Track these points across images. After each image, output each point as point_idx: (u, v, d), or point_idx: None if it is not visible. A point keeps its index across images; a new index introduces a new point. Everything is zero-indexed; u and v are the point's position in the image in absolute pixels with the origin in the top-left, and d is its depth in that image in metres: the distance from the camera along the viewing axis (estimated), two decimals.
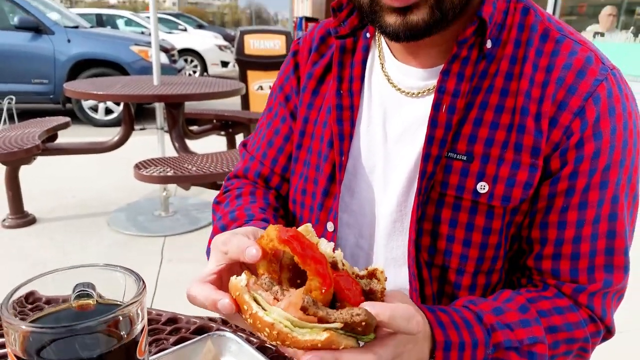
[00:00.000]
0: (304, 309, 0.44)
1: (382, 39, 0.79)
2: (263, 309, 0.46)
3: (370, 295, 0.50)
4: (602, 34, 6.10)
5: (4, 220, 3.27)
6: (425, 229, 0.72)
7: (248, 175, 0.91)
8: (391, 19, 0.65)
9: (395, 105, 0.76)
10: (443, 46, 0.72)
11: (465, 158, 0.69)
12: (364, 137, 0.79)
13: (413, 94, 0.75)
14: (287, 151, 0.88)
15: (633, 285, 0.80)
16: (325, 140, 0.80)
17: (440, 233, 0.72)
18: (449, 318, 0.61)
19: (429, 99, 0.72)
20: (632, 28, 5.85)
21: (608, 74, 0.67)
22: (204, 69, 11.84)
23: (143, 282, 0.46)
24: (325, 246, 0.51)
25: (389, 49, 0.78)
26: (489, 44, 0.69)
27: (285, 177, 0.89)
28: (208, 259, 0.83)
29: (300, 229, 0.51)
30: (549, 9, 6.98)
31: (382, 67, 0.79)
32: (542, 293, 0.69)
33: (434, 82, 0.72)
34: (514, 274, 0.75)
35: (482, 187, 0.69)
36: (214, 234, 0.86)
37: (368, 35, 0.81)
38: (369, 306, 0.45)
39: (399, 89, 0.76)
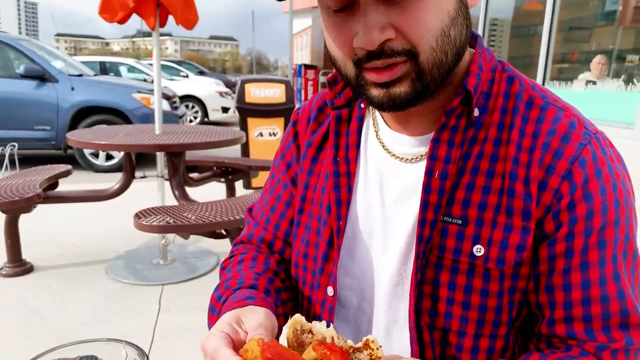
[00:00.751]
0: None
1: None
2: None
3: None
4: (594, 82, 6.23)
5: (1, 268, 3.25)
6: (426, 292, 0.73)
7: (252, 241, 0.94)
8: (375, 92, 0.68)
9: (391, 171, 0.79)
10: (432, 115, 0.75)
11: (460, 222, 0.71)
12: (361, 202, 0.81)
13: (407, 159, 0.78)
14: (289, 216, 0.90)
15: None
16: (324, 205, 0.83)
17: (440, 296, 0.73)
18: None
19: (422, 165, 0.75)
20: (623, 76, 5.98)
21: (591, 138, 0.70)
22: (205, 114, 12.01)
23: (147, 356, 0.46)
24: (319, 327, 0.54)
25: (382, 117, 0.82)
26: (476, 112, 0.73)
27: (288, 241, 0.91)
28: (209, 323, 0.85)
29: (289, 322, 0.56)
30: (542, 58, 7.17)
31: (377, 135, 0.82)
32: (568, 353, 0.69)
33: (425, 149, 0.75)
34: (531, 342, 0.75)
35: (478, 250, 0.70)
36: (210, 304, 0.87)
37: (362, 105, 0.85)
38: None
39: (393, 155, 0.79)
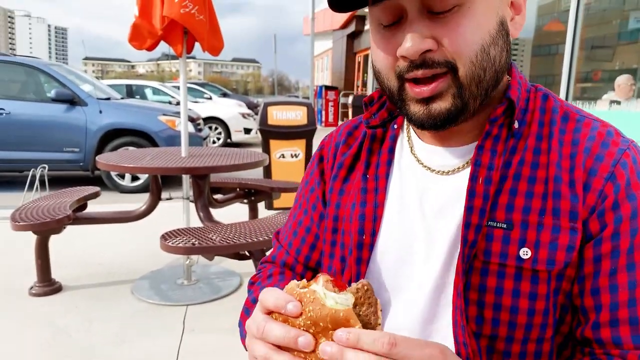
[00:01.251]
0: None
1: (410, 127, 0.86)
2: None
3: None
4: (619, 102, 6.16)
5: (31, 288, 3.34)
6: (471, 299, 0.73)
7: (276, 262, 0.97)
8: (416, 108, 0.72)
9: (430, 184, 0.81)
10: (469, 130, 0.78)
11: (505, 226, 0.72)
12: (395, 218, 0.82)
13: (445, 172, 0.80)
14: (309, 242, 0.93)
15: None
16: (354, 221, 0.84)
17: (487, 302, 0.72)
18: None
19: (461, 175, 0.78)
20: None
21: (630, 145, 0.73)
22: (228, 135, 12.18)
23: None
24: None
25: (416, 133, 0.85)
26: (516, 124, 0.75)
27: (308, 265, 0.94)
28: (241, 331, 0.87)
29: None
30: (564, 77, 7.12)
31: (412, 150, 0.85)
32: None
33: (463, 161, 0.78)
34: (573, 355, 0.75)
35: (525, 253, 0.70)
36: (245, 307, 0.90)
37: (395, 126, 0.88)
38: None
39: (429, 169, 0.81)
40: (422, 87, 0.69)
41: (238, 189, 4.06)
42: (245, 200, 4.14)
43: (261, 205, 5.05)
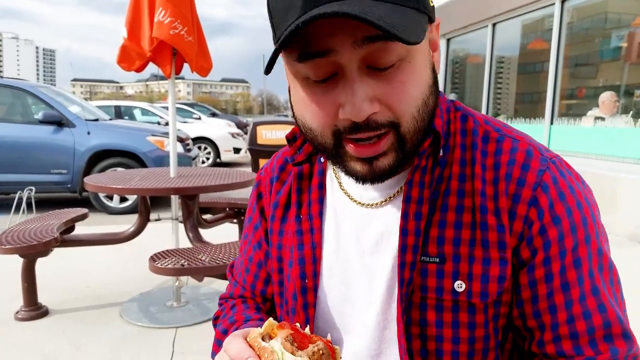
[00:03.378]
0: None
1: None
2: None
3: None
4: (603, 119, 6.26)
5: (17, 312, 3.28)
6: (414, 333, 0.74)
7: (234, 298, 0.97)
8: (357, 167, 0.70)
9: (363, 219, 0.80)
10: None
11: (437, 260, 0.73)
12: (331, 257, 0.81)
13: (375, 204, 0.79)
14: (262, 277, 0.92)
15: None
16: (294, 265, 0.83)
17: (429, 335, 0.74)
18: None
19: (391, 207, 0.78)
20: (631, 112, 6.01)
21: (548, 164, 0.72)
22: (217, 155, 12.18)
23: None
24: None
25: None
26: (441, 152, 0.75)
27: (266, 297, 0.94)
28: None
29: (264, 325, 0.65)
30: (549, 94, 7.23)
31: (340, 186, 0.83)
32: None
33: (392, 192, 0.78)
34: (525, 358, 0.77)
35: (459, 286, 0.71)
36: (215, 339, 0.91)
37: (322, 159, 0.86)
38: None
39: (360, 203, 0.80)
40: (365, 149, 0.67)
41: (227, 209, 4.05)
42: (235, 220, 4.12)
43: None
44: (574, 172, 0.76)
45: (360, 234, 0.80)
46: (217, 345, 0.89)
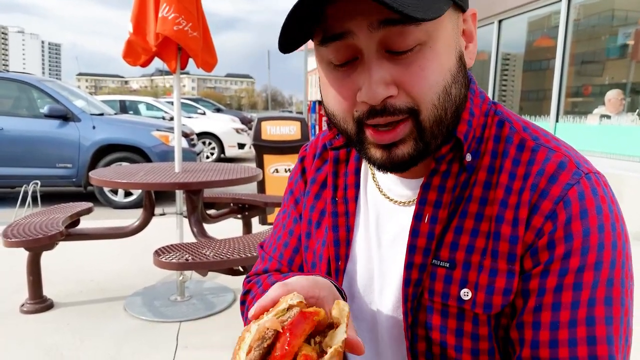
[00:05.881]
0: None
1: None
2: None
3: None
4: (609, 117, 6.23)
5: (22, 305, 3.31)
6: (420, 335, 0.74)
7: (269, 272, 0.95)
8: (377, 154, 0.69)
9: (387, 213, 0.80)
10: (426, 160, 0.74)
11: (447, 265, 0.71)
12: (360, 242, 0.82)
13: (402, 202, 0.79)
14: (302, 250, 0.92)
15: None
16: (326, 244, 0.85)
17: (434, 339, 0.73)
18: None
19: (413, 208, 0.76)
20: (637, 110, 5.97)
21: (581, 178, 0.67)
22: (221, 151, 12.19)
23: None
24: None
25: None
26: (468, 157, 0.73)
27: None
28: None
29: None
30: (554, 92, 7.20)
31: (373, 177, 0.84)
32: None
33: (417, 193, 0.76)
34: None
35: (466, 294, 0.70)
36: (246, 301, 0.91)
37: None
38: None
39: (388, 197, 0.81)
40: (383, 135, 0.66)
41: (232, 204, 4.05)
42: (239, 216, 4.13)
43: (255, 221, 5.04)
44: (611, 194, 0.70)
45: (381, 226, 0.80)
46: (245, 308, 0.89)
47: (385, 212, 0.80)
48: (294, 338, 0.53)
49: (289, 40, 0.64)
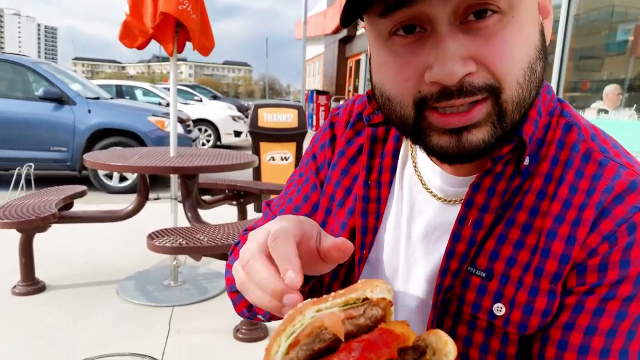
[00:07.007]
0: None
1: None
2: None
3: None
4: (607, 111, 6.24)
5: (14, 287, 3.29)
6: None
7: None
8: (442, 140, 0.59)
9: (423, 205, 0.73)
10: (480, 161, 0.66)
11: (484, 275, 0.65)
12: (390, 232, 0.75)
13: (442, 199, 0.71)
14: (304, 212, 0.83)
15: None
16: (347, 227, 0.77)
17: None
18: None
19: (454, 206, 0.69)
20: (635, 105, 5.98)
21: None
22: (218, 138, 12.14)
23: None
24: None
25: None
26: (526, 161, 0.65)
27: None
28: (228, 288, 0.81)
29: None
30: (553, 86, 7.20)
31: (414, 163, 0.75)
32: None
33: (464, 191, 0.68)
34: None
35: (499, 309, 0.63)
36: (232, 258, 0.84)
37: None
38: None
39: (427, 189, 0.72)
40: (454, 118, 0.57)
41: (227, 191, 4.04)
42: (234, 202, 4.11)
43: (250, 208, 5.03)
44: None
45: (414, 218, 0.73)
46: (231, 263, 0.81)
47: (421, 203, 0.73)
48: None
49: (352, 6, 0.56)
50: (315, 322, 0.40)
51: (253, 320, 0.65)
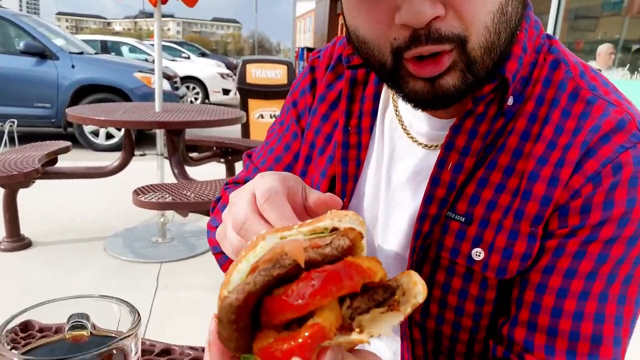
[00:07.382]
0: None
1: None
2: None
3: None
4: (599, 71, 6.22)
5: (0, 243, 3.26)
6: None
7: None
8: (417, 86, 0.58)
9: (403, 150, 0.71)
10: (463, 103, 0.64)
11: (463, 220, 0.64)
12: (370, 179, 0.73)
13: (423, 144, 0.69)
14: (295, 171, 0.81)
15: None
16: (327, 176, 0.75)
17: (434, 296, 0.66)
18: None
19: (435, 151, 0.67)
20: (628, 65, 5.95)
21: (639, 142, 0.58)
22: (206, 96, 11.97)
23: (138, 314, 0.45)
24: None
25: None
26: (510, 101, 0.63)
27: None
28: (215, 253, 0.78)
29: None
30: None
31: (395, 106, 0.73)
32: None
33: (445, 134, 0.66)
34: (493, 338, 0.65)
35: (478, 254, 0.62)
36: (212, 217, 0.82)
37: None
38: None
39: (409, 134, 0.71)
40: (426, 66, 0.56)
41: (215, 148, 3.98)
42: (222, 160, 4.07)
43: (238, 165, 4.98)
44: None
45: (394, 164, 0.71)
46: (213, 224, 0.79)
47: (401, 148, 0.71)
48: (321, 295, 0.35)
49: None
50: (276, 247, 0.37)
51: None
